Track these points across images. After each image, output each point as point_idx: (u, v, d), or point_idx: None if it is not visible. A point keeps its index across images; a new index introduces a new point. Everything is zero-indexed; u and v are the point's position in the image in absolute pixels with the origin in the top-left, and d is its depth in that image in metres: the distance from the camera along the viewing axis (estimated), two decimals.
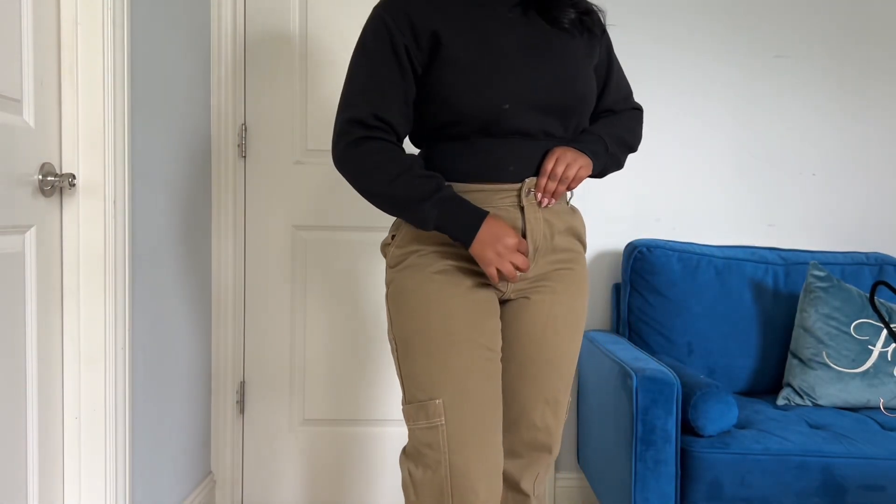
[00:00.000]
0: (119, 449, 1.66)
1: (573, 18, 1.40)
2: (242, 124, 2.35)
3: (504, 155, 1.36)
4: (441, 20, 1.33)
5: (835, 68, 2.42)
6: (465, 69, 1.32)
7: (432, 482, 1.32)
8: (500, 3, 1.38)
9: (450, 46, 1.32)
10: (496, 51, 1.33)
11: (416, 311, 1.37)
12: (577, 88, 1.38)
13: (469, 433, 1.32)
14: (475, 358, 1.35)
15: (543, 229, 1.39)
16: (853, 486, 1.75)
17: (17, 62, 1.44)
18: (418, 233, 1.39)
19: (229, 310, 2.35)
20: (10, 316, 1.42)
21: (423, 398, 1.34)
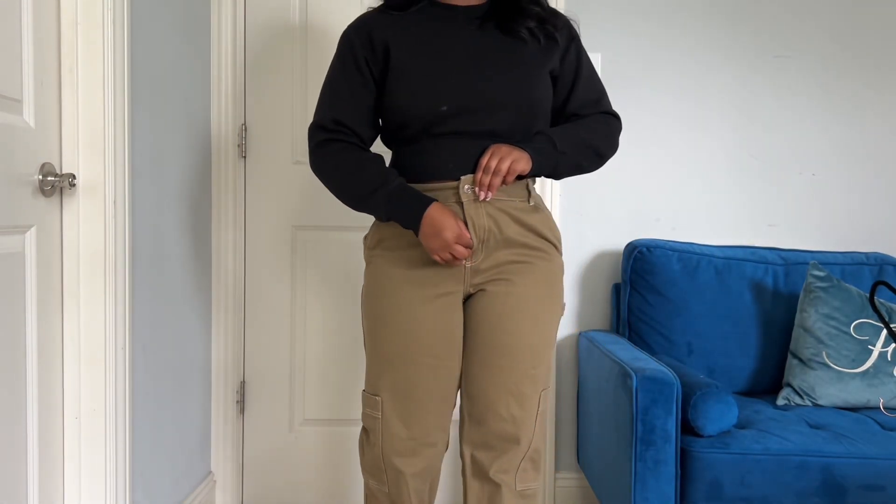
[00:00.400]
0: (119, 449, 1.66)
1: (531, 27, 1.50)
2: (242, 124, 2.35)
3: (445, 154, 1.47)
4: (395, 34, 1.49)
5: (834, 68, 2.42)
6: (409, 75, 1.47)
7: (371, 454, 1.57)
8: (459, 17, 1.52)
9: (398, 56, 1.48)
10: (439, 58, 1.47)
11: (374, 316, 1.55)
12: (522, 92, 1.48)
13: (398, 427, 1.52)
14: (419, 366, 1.50)
15: (487, 223, 1.47)
16: (853, 486, 1.75)
17: (18, 62, 1.44)
18: (383, 235, 1.55)
19: (229, 310, 2.35)
20: (10, 316, 1.42)
21: (370, 391, 1.57)
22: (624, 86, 2.39)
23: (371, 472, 1.59)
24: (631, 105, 2.40)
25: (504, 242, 1.49)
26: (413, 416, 1.52)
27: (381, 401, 1.53)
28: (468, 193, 1.46)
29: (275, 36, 2.35)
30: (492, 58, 1.49)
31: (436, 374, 1.51)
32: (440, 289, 1.50)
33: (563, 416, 2.43)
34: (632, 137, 2.40)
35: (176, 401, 2.05)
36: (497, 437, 1.51)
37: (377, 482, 1.59)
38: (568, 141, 1.53)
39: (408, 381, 1.51)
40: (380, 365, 1.54)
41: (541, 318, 1.52)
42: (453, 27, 1.51)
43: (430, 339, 1.50)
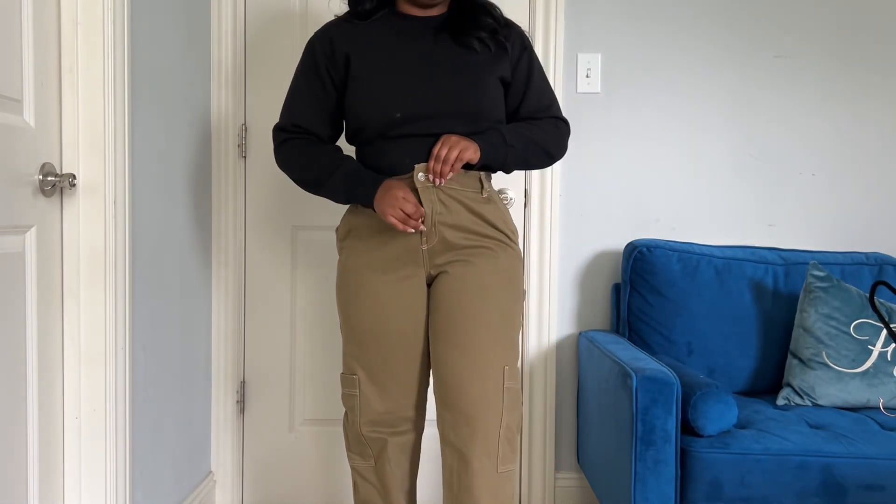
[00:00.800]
0: (119, 449, 1.66)
1: (483, 37, 1.61)
2: (243, 124, 2.35)
3: (400, 153, 1.59)
4: (355, 45, 1.62)
5: (834, 68, 2.42)
6: (366, 84, 1.60)
7: (353, 432, 1.70)
8: (416, 28, 1.64)
9: (357, 66, 1.61)
10: (394, 69, 1.60)
11: (345, 302, 1.69)
12: (471, 97, 1.60)
13: (375, 403, 1.66)
14: (388, 344, 1.64)
15: (438, 207, 1.59)
16: (853, 486, 1.75)
17: (18, 62, 1.44)
18: (352, 226, 1.68)
19: (229, 310, 2.35)
20: (10, 316, 1.43)
21: (347, 372, 1.70)
22: (623, 86, 2.39)
23: (355, 449, 1.71)
24: (631, 105, 2.40)
25: (456, 227, 1.60)
26: (387, 390, 1.66)
27: (358, 379, 1.67)
28: (421, 180, 1.58)
29: (275, 36, 2.35)
30: (443, 66, 1.61)
31: (405, 353, 1.65)
32: (402, 272, 1.62)
33: (563, 416, 2.43)
34: (632, 137, 2.40)
35: (176, 401, 2.06)
36: (468, 417, 1.56)
37: (362, 458, 1.71)
38: (517, 137, 1.64)
39: (379, 359, 1.65)
40: (354, 346, 1.68)
41: (497, 297, 1.61)
42: (409, 38, 1.63)
43: (396, 319, 1.63)
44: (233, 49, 2.31)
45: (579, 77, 2.38)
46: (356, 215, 1.67)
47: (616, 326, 2.36)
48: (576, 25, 2.37)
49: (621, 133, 2.38)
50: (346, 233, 1.70)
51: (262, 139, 2.37)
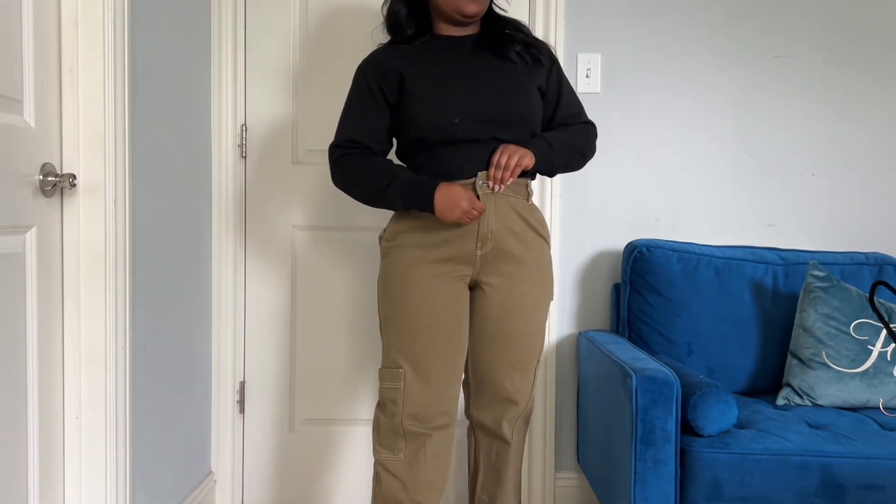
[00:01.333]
0: (119, 448, 1.66)
1: (518, 51, 1.77)
2: (243, 124, 2.35)
3: (460, 157, 1.72)
4: (405, 63, 1.75)
5: (834, 68, 2.42)
6: (424, 95, 1.72)
7: (391, 426, 1.75)
8: (457, 46, 1.79)
9: (411, 81, 1.73)
10: (447, 81, 1.74)
11: (393, 296, 1.76)
12: (515, 104, 1.75)
13: (421, 396, 1.73)
14: (436, 339, 1.73)
15: (495, 216, 1.72)
16: (853, 486, 1.75)
17: (18, 62, 1.44)
18: (401, 229, 1.76)
19: (229, 310, 2.36)
20: (10, 316, 1.43)
21: (391, 365, 1.76)
22: (623, 86, 2.39)
23: (386, 443, 1.76)
24: (630, 105, 2.40)
25: (509, 232, 1.74)
26: (429, 384, 1.73)
27: (404, 372, 1.73)
28: (483, 188, 1.71)
29: (275, 36, 2.35)
30: (490, 76, 1.75)
31: (447, 349, 1.75)
32: (454, 273, 1.74)
33: (563, 416, 2.43)
34: (632, 137, 2.40)
35: (176, 400, 2.06)
36: (501, 400, 1.80)
37: (391, 453, 1.76)
38: (560, 143, 1.80)
39: (427, 352, 1.73)
40: (401, 339, 1.74)
41: (537, 306, 1.80)
42: (454, 55, 1.77)
43: (445, 315, 1.74)
44: (233, 49, 2.31)
45: (579, 77, 2.38)
46: (406, 218, 1.76)
47: (616, 326, 2.36)
48: (576, 25, 2.37)
49: (621, 133, 2.39)
50: (395, 234, 1.78)
51: (262, 139, 2.37)
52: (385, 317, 1.79)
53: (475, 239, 1.72)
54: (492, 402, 1.81)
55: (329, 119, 2.35)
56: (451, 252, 1.73)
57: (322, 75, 2.36)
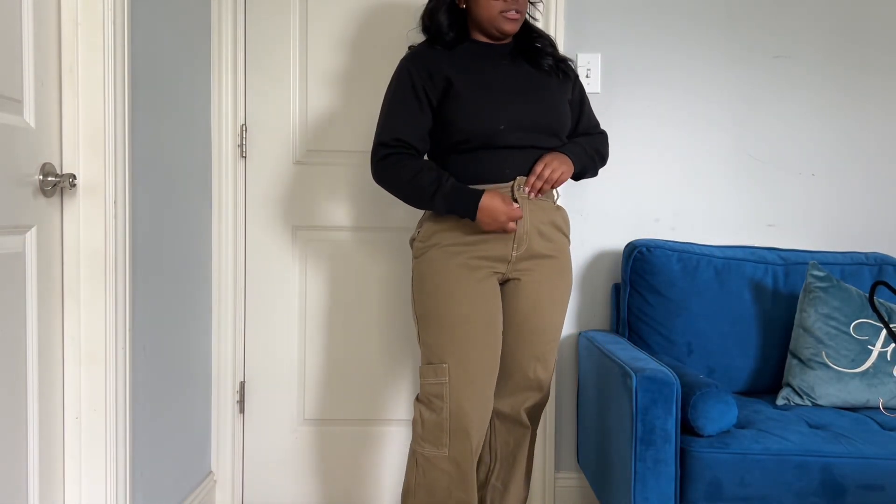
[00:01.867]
0: (119, 448, 1.66)
1: (551, 64, 1.87)
2: (242, 124, 2.35)
3: (501, 162, 1.79)
4: (451, 68, 1.81)
5: (834, 68, 2.42)
6: (471, 102, 1.78)
7: (436, 422, 1.77)
8: (496, 54, 1.86)
9: (459, 86, 1.79)
10: (493, 88, 1.81)
11: (432, 294, 1.81)
12: (553, 114, 1.85)
13: (465, 390, 1.76)
14: (476, 333, 1.78)
15: (530, 218, 1.81)
16: (852, 486, 1.75)
17: (18, 62, 1.44)
18: (436, 230, 1.82)
19: (229, 310, 2.36)
20: (10, 316, 1.43)
21: (434, 361, 1.79)
22: (623, 86, 2.39)
23: (430, 439, 1.79)
24: (630, 105, 2.40)
25: (540, 235, 1.83)
26: (475, 378, 1.78)
27: (448, 367, 1.76)
28: (522, 193, 1.80)
29: (275, 36, 2.35)
30: (531, 86, 1.84)
31: (487, 342, 1.80)
32: (489, 271, 1.80)
33: (563, 416, 2.43)
34: (631, 137, 2.40)
35: (176, 400, 2.06)
36: (524, 389, 1.89)
37: (435, 448, 1.78)
38: (591, 149, 1.95)
39: (470, 346, 1.77)
40: (443, 335, 1.78)
41: (561, 301, 1.91)
42: (494, 63, 1.84)
43: (482, 310, 1.79)
44: (233, 49, 2.31)
45: (579, 77, 2.37)
46: (441, 220, 1.82)
47: (616, 326, 2.36)
48: (576, 25, 2.37)
49: (621, 133, 2.38)
50: (430, 235, 1.83)
51: (262, 139, 2.37)
52: (423, 314, 1.83)
53: (512, 241, 1.79)
54: (514, 390, 1.89)
55: (329, 119, 2.36)
56: (488, 251, 1.79)
57: (322, 75, 2.36)
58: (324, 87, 2.36)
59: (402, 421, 2.40)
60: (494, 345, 1.82)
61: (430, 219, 1.85)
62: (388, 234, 2.38)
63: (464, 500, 1.81)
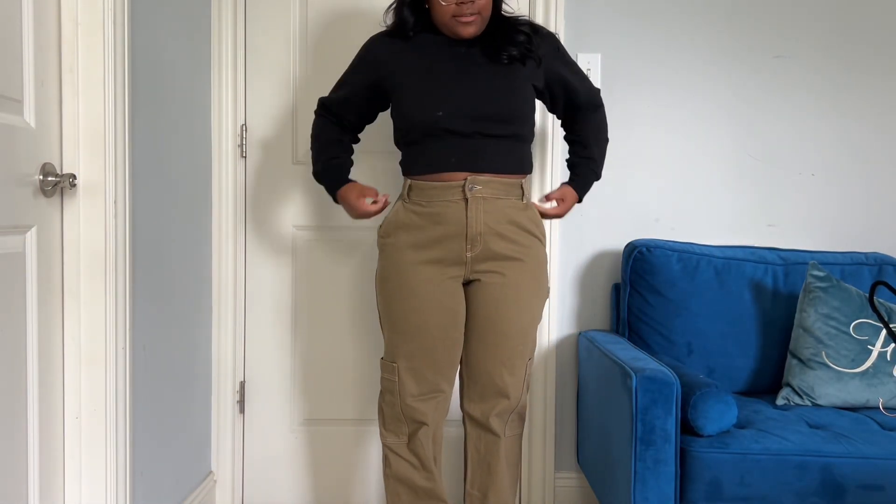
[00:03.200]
0: (120, 448, 1.66)
1: (514, 55, 1.80)
2: (243, 124, 2.35)
3: (446, 150, 1.77)
4: (400, 58, 1.84)
5: (834, 68, 2.42)
6: (412, 89, 1.81)
7: (392, 413, 1.86)
8: (450, 46, 1.83)
9: (404, 76, 1.82)
10: (434, 77, 1.81)
11: (388, 297, 1.84)
12: (502, 101, 1.79)
13: (412, 389, 1.83)
14: (428, 338, 1.80)
15: (483, 218, 1.77)
16: (852, 486, 1.75)
17: (18, 62, 1.44)
18: (395, 225, 1.83)
19: (229, 310, 2.36)
20: (10, 316, 1.43)
21: (388, 359, 1.86)
22: (623, 86, 2.39)
23: (391, 428, 1.86)
24: (631, 105, 2.40)
25: (499, 236, 1.78)
26: (424, 377, 1.82)
27: (398, 367, 1.82)
28: (472, 192, 1.76)
29: (275, 36, 2.35)
30: (479, 73, 1.80)
31: (444, 344, 1.81)
32: (445, 273, 1.79)
33: (563, 416, 2.43)
34: (631, 137, 2.40)
35: (176, 401, 2.06)
36: (491, 395, 1.85)
37: (396, 437, 1.86)
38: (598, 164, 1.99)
39: (420, 350, 1.81)
40: (396, 336, 1.83)
41: (529, 304, 1.85)
42: (446, 53, 1.82)
43: (438, 314, 1.80)
44: (233, 49, 2.31)
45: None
46: (401, 214, 1.82)
47: (616, 326, 2.36)
48: (576, 25, 2.37)
49: (621, 133, 2.38)
50: (390, 231, 1.84)
51: (262, 139, 2.37)
52: (382, 312, 1.88)
53: (464, 241, 1.77)
54: (482, 396, 1.86)
55: None
56: (442, 253, 1.78)
57: (322, 75, 2.35)
58: (324, 87, 2.35)
59: None
60: (450, 347, 1.82)
61: (392, 213, 1.86)
62: None
63: (429, 489, 1.86)
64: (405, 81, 1.82)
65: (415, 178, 1.82)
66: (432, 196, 1.78)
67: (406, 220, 1.81)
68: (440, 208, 1.77)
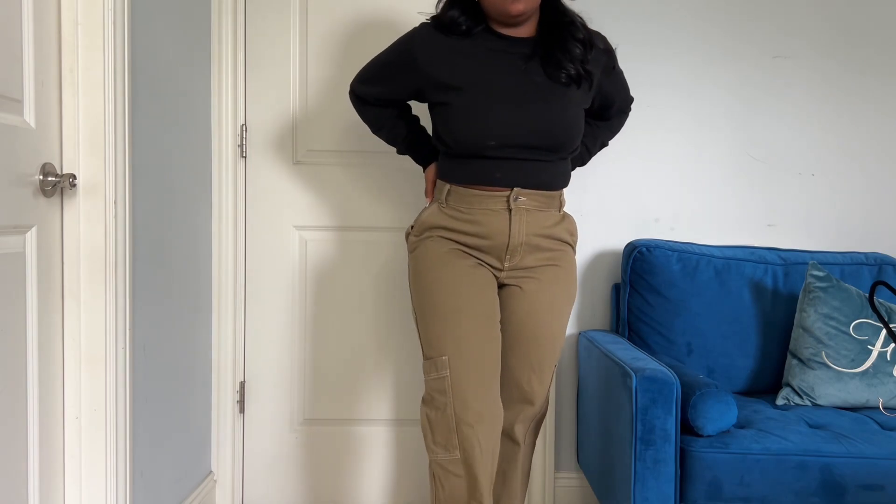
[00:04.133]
0: (119, 448, 1.66)
1: (572, 74, 1.69)
2: (243, 124, 2.35)
3: (492, 169, 1.68)
4: (452, 65, 1.69)
5: (834, 69, 2.43)
6: (465, 110, 1.67)
7: (443, 420, 1.66)
8: (512, 52, 1.69)
9: (454, 90, 1.67)
10: (491, 97, 1.66)
11: (427, 286, 1.72)
12: (557, 134, 1.70)
13: (467, 382, 1.65)
14: (474, 324, 1.68)
15: (525, 230, 1.70)
16: (852, 486, 1.75)
17: (18, 62, 1.44)
18: (430, 225, 1.74)
19: (229, 310, 2.35)
20: (10, 316, 1.43)
21: (433, 355, 1.68)
22: None
23: (441, 441, 1.67)
24: None
25: (534, 247, 1.73)
26: (477, 369, 1.67)
27: (448, 358, 1.66)
28: (517, 203, 1.69)
29: (275, 36, 2.35)
30: (535, 103, 1.68)
31: (487, 333, 1.70)
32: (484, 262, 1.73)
33: (563, 416, 2.43)
34: (631, 138, 2.40)
35: (176, 401, 2.06)
36: (517, 401, 1.79)
37: (447, 452, 1.67)
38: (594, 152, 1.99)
39: (470, 336, 1.67)
40: (441, 326, 1.69)
41: (561, 311, 1.80)
42: (505, 63, 1.69)
43: (480, 300, 1.70)
44: (233, 49, 2.31)
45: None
46: (437, 217, 1.74)
47: (616, 326, 2.36)
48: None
49: (621, 133, 2.38)
50: (423, 230, 1.77)
51: (263, 139, 2.37)
52: (420, 307, 1.75)
53: (504, 251, 1.71)
54: (507, 402, 1.77)
55: (329, 119, 2.36)
56: (478, 261, 1.73)
57: (322, 75, 2.36)
58: (324, 87, 2.36)
59: (403, 421, 2.40)
60: (494, 337, 1.71)
61: (427, 214, 1.78)
62: (387, 234, 2.38)
63: None
64: (455, 98, 1.68)
65: (455, 184, 1.72)
66: (473, 203, 1.70)
67: (444, 223, 1.73)
68: (481, 216, 1.69)
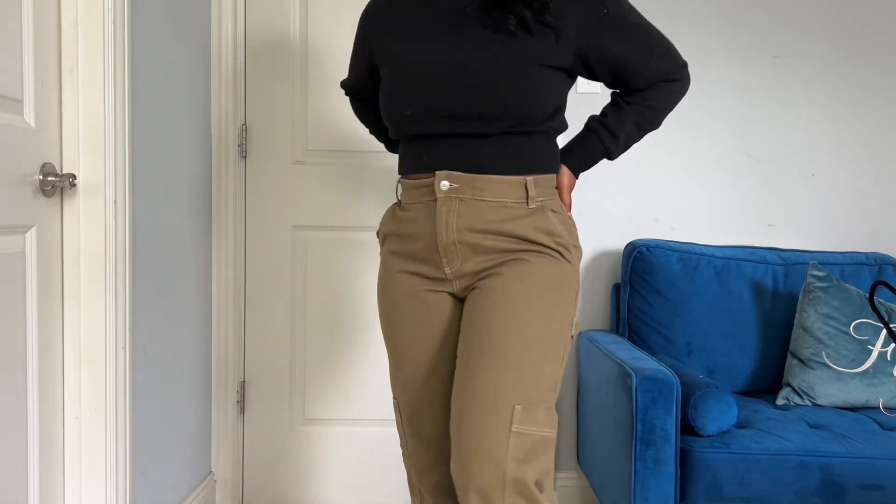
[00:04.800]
0: (119, 449, 1.66)
1: (524, 17, 1.31)
2: (243, 124, 2.35)
3: (419, 150, 1.41)
4: (388, 31, 1.46)
5: (834, 68, 2.43)
6: (387, 80, 1.44)
7: (406, 459, 1.51)
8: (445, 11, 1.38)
9: (384, 58, 1.46)
10: (413, 63, 1.39)
11: (381, 314, 1.51)
12: (491, 96, 1.32)
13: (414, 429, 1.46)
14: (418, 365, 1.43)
15: (455, 223, 1.35)
16: (852, 486, 1.75)
17: (18, 62, 1.44)
18: (383, 228, 1.51)
19: (229, 310, 2.35)
20: (10, 316, 1.43)
21: (393, 395, 1.50)
22: None
23: (413, 489, 1.53)
24: None
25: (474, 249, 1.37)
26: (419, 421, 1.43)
27: (398, 403, 1.47)
28: (444, 189, 1.35)
29: (275, 36, 2.35)
30: (461, 52, 1.34)
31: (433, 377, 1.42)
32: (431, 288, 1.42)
33: (563, 416, 2.43)
34: None
35: (176, 401, 2.06)
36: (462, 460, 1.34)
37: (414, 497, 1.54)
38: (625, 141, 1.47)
39: (412, 381, 1.43)
40: (392, 364, 1.48)
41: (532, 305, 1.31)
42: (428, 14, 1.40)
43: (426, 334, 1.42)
44: (233, 49, 2.31)
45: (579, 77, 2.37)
46: (387, 218, 1.50)
47: (616, 326, 2.36)
48: None
49: None
50: (383, 235, 1.52)
51: (262, 139, 2.37)
52: None
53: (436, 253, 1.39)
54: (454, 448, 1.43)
55: (329, 119, 2.36)
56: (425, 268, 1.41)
57: (322, 75, 2.36)
58: (324, 86, 2.36)
59: None
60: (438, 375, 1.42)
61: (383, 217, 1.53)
62: None
63: None
64: (386, 66, 1.45)
65: (401, 177, 1.47)
66: (410, 197, 1.42)
67: (393, 227, 1.46)
68: (416, 212, 1.40)
